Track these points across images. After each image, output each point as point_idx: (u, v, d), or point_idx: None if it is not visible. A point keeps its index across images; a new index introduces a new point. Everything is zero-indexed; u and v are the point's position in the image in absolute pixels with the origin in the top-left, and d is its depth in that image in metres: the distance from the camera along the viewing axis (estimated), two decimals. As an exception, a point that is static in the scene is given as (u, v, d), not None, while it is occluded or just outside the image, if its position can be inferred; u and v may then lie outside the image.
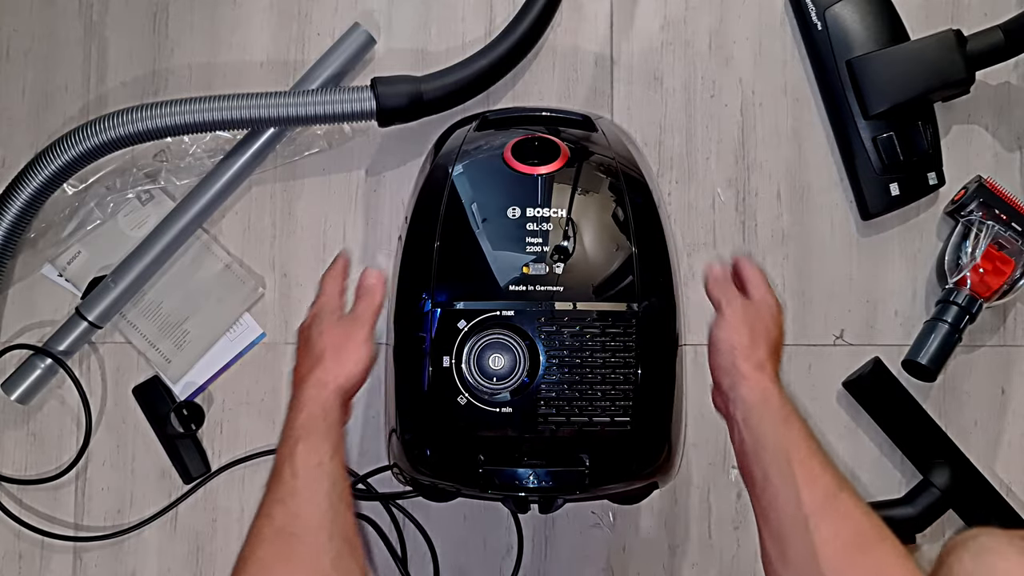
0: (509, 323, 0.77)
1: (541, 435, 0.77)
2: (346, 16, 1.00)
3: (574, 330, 0.77)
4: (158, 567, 0.97)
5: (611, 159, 0.85)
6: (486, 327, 0.77)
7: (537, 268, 0.79)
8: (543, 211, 0.80)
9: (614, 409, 0.77)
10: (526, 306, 0.78)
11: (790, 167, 0.98)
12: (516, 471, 0.78)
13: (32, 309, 0.98)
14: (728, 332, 0.76)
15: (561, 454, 0.78)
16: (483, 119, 0.90)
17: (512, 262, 0.79)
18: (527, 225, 0.80)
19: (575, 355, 0.77)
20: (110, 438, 0.98)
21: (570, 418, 0.77)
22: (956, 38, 0.92)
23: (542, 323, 0.77)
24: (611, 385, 0.77)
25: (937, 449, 0.94)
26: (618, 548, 0.96)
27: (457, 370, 0.77)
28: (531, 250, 0.79)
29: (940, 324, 0.92)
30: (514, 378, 0.77)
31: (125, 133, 0.90)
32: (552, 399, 0.77)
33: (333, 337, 0.76)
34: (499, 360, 0.77)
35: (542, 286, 0.78)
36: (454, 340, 0.77)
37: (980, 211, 0.94)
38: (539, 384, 0.77)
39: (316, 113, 0.91)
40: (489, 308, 0.78)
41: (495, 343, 0.77)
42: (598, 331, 0.77)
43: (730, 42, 0.99)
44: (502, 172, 0.82)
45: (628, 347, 0.77)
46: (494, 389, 0.77)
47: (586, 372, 0.77)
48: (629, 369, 0.77)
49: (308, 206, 0.99)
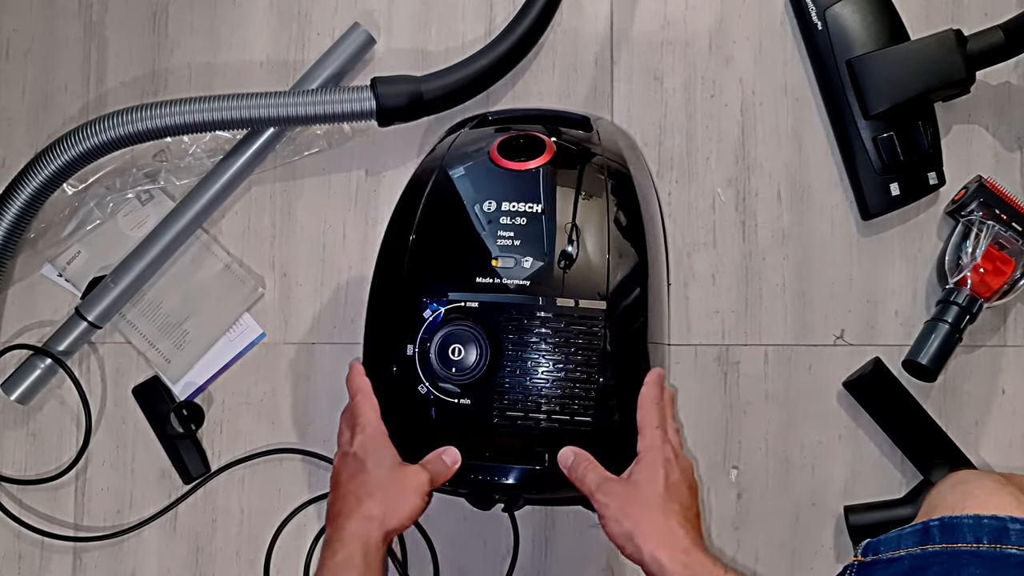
0: (473, 315, 0.77)
1: (500, 430, 0.77)
2: (346, 16, 1.00)
3: (538, 326, 0.77)
4: (158, 567, 0.97)
5: (598, 156, 0.84)
6: (450, 318, 0.77)
7: (507, 262, 0.78)
8: (518, 206, 0.80)
9: (575, 407, 0.76)
10: (493, 299, 0.77)
11: (790, 167, 0.98)
12: (475, 465, 0.77)
13: (32, 309, 0.98)
14: (624, 523, 0.71)
15: (522, 451, 0.77)
16: (483, 119, 0.90)
17: (483, 255, 0.79)
18: (502, 219, 0.79)
19: (538, 351, 0.76)
20: (110, 438, 0.98)
21: (529, 414, 0.76)
22: (956, 38, 0.92)
23: (506, 317, 0.77)
24: (573, 383, 0.76)
25: (937, 449, 0.94)
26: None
27: (419, 359, 0.77)
28: (503, 244, 0.79)
29: (940, 324, 0.92)
30: (475, 370, 0.76)
31: (125, 133, 0.90)
32: (511, 393, 0.76)
33: (391, 475, 0.74)
34: (460, 351, 0.76)
35: (511, 280, 0.78)
36: (418, 329, 0.77)
37: (980, 211, 0.93)
38: (499, 377, 0.76)
39: (316, 113, 0.91)
40: (456, 300, 0.77)
41: (457, 333, 0.76)
42: (562, 328, 0.77)
43: (730, 42, 0.99)
44: (485, 168, 0.82)
45: (593, 346, 0.76)
46: (454, 379, 0.76)
47: (548, 369, 0.76)
48: (592, 368, 0.76)
49: (308, 206, 0.99)
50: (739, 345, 0.97)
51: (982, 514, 0.63)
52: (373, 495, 0.73)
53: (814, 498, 0.96)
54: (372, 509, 0.73)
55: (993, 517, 0.63)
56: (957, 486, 0.68)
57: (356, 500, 0.73)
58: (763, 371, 0.97)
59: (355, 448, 0.76)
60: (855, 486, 0.96)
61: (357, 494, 0.74)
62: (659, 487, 0.72)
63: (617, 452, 0.76)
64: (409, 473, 0.75)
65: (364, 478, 0.74)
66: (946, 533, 0.64)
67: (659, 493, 0.72)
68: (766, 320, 0.97)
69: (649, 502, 0.71)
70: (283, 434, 0.97)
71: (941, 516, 0.65)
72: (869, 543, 0.68)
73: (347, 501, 0.74)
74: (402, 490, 0.74)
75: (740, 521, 0.96)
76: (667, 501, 0.71)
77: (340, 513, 0.74)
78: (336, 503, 0.75)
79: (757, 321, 0.97)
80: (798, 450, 0.96)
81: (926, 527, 0.65)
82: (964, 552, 0.62)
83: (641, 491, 0.72)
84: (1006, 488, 0.66)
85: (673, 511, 0.71)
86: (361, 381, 0.79)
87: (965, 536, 0.63)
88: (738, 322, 0.97)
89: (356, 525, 0.72)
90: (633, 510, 0.71)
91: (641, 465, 0.74)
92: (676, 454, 0.75)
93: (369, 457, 0.75)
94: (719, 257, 0.97)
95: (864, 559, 0.67)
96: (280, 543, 0.96)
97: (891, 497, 0.95)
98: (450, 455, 0.77)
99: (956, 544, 0.63)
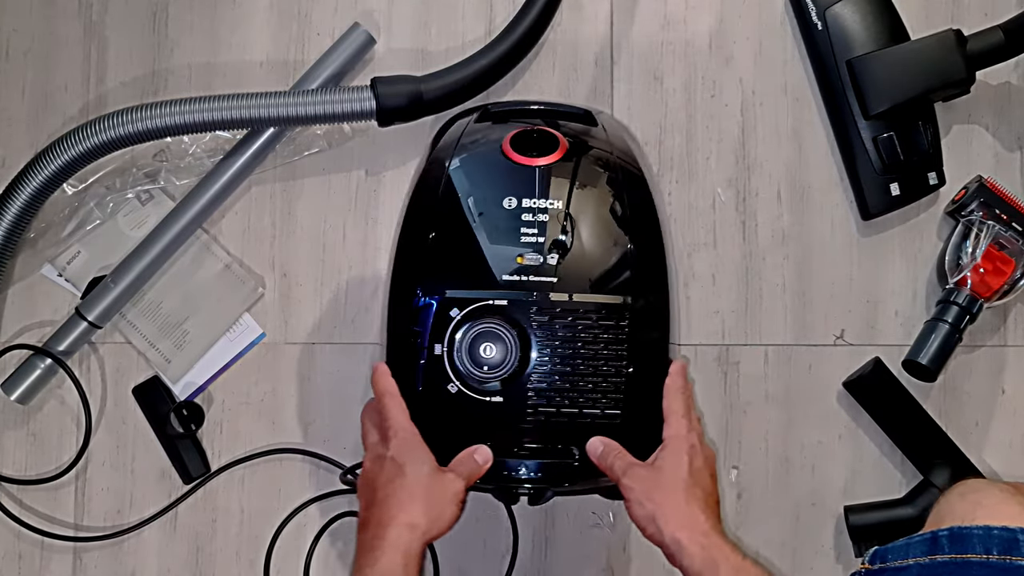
0: (502, 312, 0.77)
1: (531, 426, 0.77)
2: (346, 16, 0.99)
3: (567, 321, 0.77)
4: (158, 567, 0.97)
5: (610, 153, 0.85)
6: (478, 316, 0.77)
7: (532, 259, 0.78)
8: (540, 202, 0.80)
9: (605, 401, 0.77)
10: (519, 296, 0.78)
11: (790, 167, 0.98)
12: (506, 462, 0.78)
13: (32, 309, 0.98)
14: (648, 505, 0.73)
15: (551, 446, 0.78)
16: (484, 111, 0.90)
17: (507, 253, 0.79)
18: (523, 216, 0.80)
19: (567, 346, 0.77)
20: (110, 438, 0.98)
21: (560, 409, 0.77)
22: (956, 38, 0.92)
23: (535, 313, 0.77)
24: (602, 377, 0.77)
25: (937, 449, 0.94)
26: (618, 548, 0.95)
27: (448, 358, 0.77)
28: (526, 241, 0.79)
29: (940, 324, 0.92)
30: (505, 367, 0.76)
31: (125, 133, 0.90)
32: (543, 390, 0.77)
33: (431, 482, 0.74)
34: (491, 349, 0.77)
35: (536, 277, 0.78)
36: (446, 328, 0.77)
37: (980, 211, 0.93)
38: (530, 374, 0.77)
39: (316, 113, 0.91)
40: (482, 297, 0.78)
41: (487, 332, 0.77)
42: (591, 323, 0.77)
43: (730, 42, 0.99)
44: (500, 163, 0.82)
45: (620, 339, 0.77)
46: (484, 378, 0.77)
47: (578, 364, 0.77)
48: (621, 362, 0.77)
49: (308, 206, 0.99)
50: (739, 345, 0.97)
51: (992, 525, 0.63)
52: (415, 503, 0.73)
53: (814, 498, 0.96)
54: (414, 517, 0.72)
55: (1003, 528, 0.63)
56: (966, 495, 0.68)
57: (398, 507, 0.73)
58: (763, 371, 0.97)
59: (392, 452, 0.75)
60: (855, 486, 0.96)
61: (398, 500, 0.73)
62: (683, 473, 0.74)
63: (644, 441, 0.78)
64: (447, 481, 0.75)
65: (403, 483, 0.74)
66: (955, 543, 0.63)
67: (683, 479, 0.74)
68: (766, 320, 0.97)
69: (672, 487, 0.73)
70: (283, 434, 0.97)
71: (950, 526, 0.64)
72: (877, 551, 0.68)
73: (387, 507, 0.73)
74: (442, 499, 0.74)
75: (740, 521, 0.96)
76: (690, 487, 0.73)
77: (379, 520, 0.73)
78: (374, 508, 0.74)
79: (757, 321, 0.97)
80: (798, 450, 0.96)
81: (935, 536, 0.64)
82: (974, 563, 0.62)
83: (665, 476, 0.74)
84: (1015, 498, 0.65)
85: (695, 496, 0.73)
86: (387, 383, 0.78)
87: (975, 547, 0.63)
88: (738, 322, 0.97)
89: (397, 533, 0.72)
90: (657, 494, 0.73)
91: (666, 452, 0.76)
92: (700, 442, 0.77)
93: (407, 462, 0.75)
94: (719, 257, 0.97)
95: (871, 567, 0.67)
96: (280, 543, 0.96)
97: (891, 497, 0.95)
98: (482, 454, 0.77)
99: (966, 555, 0.63)
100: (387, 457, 0.75)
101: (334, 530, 0.96)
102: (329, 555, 0.96)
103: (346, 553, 0.96)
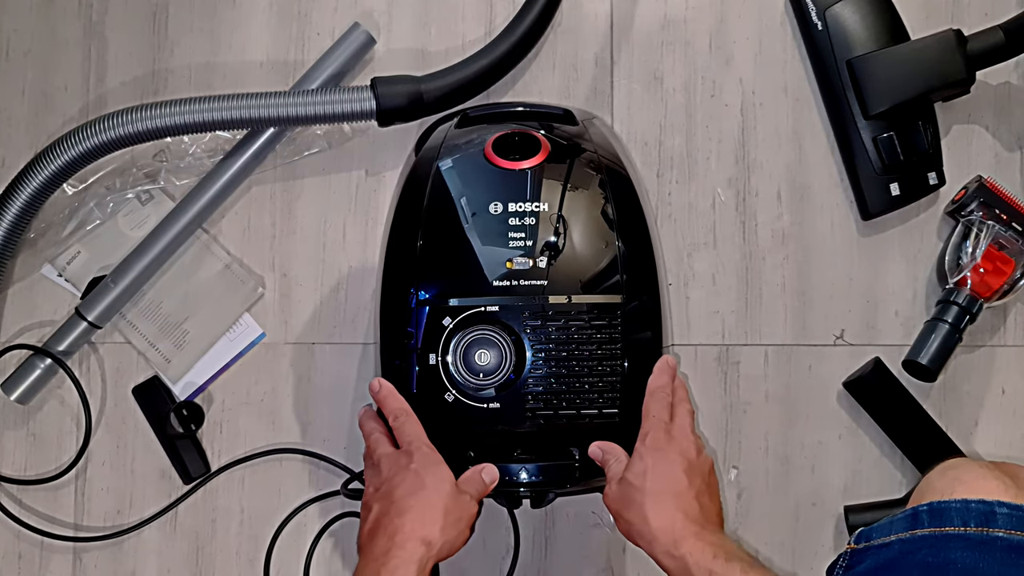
0: (494, 318, 0.77)
1: (530, 430, 0.77)
2: (346, 16, 0.99)
3: (560, 324, 0.77)
4: (158, 567, 0.97)
5: (593, 153, 0.85)
6: (471, 323, 0.77)
7: (521, 263, 0.79)
8: (526, 205, 0.80)
9: (602, 401, 0.77)
10: (511, 301, 0.78)
11: (790, 167, 0.98)
12: (507, 467, 0.78)
13: (32, 309, 0.98)
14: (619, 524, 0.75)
15: (551, 448, 0.78)
16: (464, 116, 0.90)
17: (496, 257, 0.79)
18: (510, 220, 0.80)
19: (561, 349, 0.77)
20: (110, 438, 0.98)
21: (558, 411, 0.77)
22: (956, 38, 0.92)
23: (528, 318, 0.77)
24: (598, 377, 0.78)
25: (937, 449, 0.94)
26: (618, 548, 0.95)
27: (444, 367, 0.77)
28: (515, 245, 0.79)
29: (940, 324, 0.92)
30: (501, 373, 0.77)
31: (125, 133, 0.90)
32: (540, 393, 0.77)
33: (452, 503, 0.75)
34: (485, 356, 0.77)
35: (527, 281, 0.78)
36: (439, 337, 0.77)
37: (980, 211, 0.93)
38: (526, 379, 0.77)
39: (316, 113, 0.91)
40: (474, 304, 0.78)
41: (481, 339, 0.77)
42: (584, 324, 0.78)
43: (730, 42, 0.99)
44: (484, 168, 0.82)
45: (614, 339, 0.78)
46: (481, 385, 0.77)
47: (573, 365, 0.77)
48: (616, 361, 0.78)
49: (308, 206, 0.99)
50: (739, 345, 0.97)
51: (970, 498, 0.64)
52: (435, 521, 0.74)
53: (814, 498, 0.96)
54: (433, 535, 0.73)
55: (980, 501, 0.63)
56: (946, 472, 0.69)
57: (418, 521, 0.73)
58: (763, 371, 0.97)
59: (415, 465, 0.76)
60: (855, 486, 0.96)
61: (419, 515, 0.74)
62: (648, 483, 0.75)
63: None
64: (464, 502, 0.76)
65: (424, 498, 0.75)
66: (934, 517, 0.64)
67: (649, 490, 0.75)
68: (766, 320, 0.97)
69: (638, 502, 0.74)
70: (283, 434, 0.97)
71: (930, 501, 0.65)
72: (862, 531, 0.69)
73: (407, 519, 0.74)
74: (459, 520, 0.75)
75: (740, 521, 0.96)
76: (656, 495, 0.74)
77: (396, 529, 0.74)
78: (391, 516, 0.75)
79: (757, 321, 0.97)
80: (798, 450, 0.96)
81: (915, 512, 0.65)
82: (952, 535, 0.63)
83: (632, 491, 0.75)
84: (993, 473, 0.66)
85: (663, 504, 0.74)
86: (397, 401, 0.79)
87: (953, 520, 0.63)
88: (738, 322, 0.97)
89: (415, 547, 0.72)
90: (627, 511, 0.75)
91: (632, 461, 0.77)
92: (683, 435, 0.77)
93: (428, 477, 0.75)
94: (719, 257, 0.97)
95: (856, 546, 0.68)
96: (280, 543, 0.96)
97: (891, 497, 0.95)
98: (489, 473, 0.78)
99: (944, 528, 0.63)
100: (410, 469, 0.76)
101: (334, 530, 0.96)
102: (329, 555, 0.96)
103: (346, 553, 0.96)
